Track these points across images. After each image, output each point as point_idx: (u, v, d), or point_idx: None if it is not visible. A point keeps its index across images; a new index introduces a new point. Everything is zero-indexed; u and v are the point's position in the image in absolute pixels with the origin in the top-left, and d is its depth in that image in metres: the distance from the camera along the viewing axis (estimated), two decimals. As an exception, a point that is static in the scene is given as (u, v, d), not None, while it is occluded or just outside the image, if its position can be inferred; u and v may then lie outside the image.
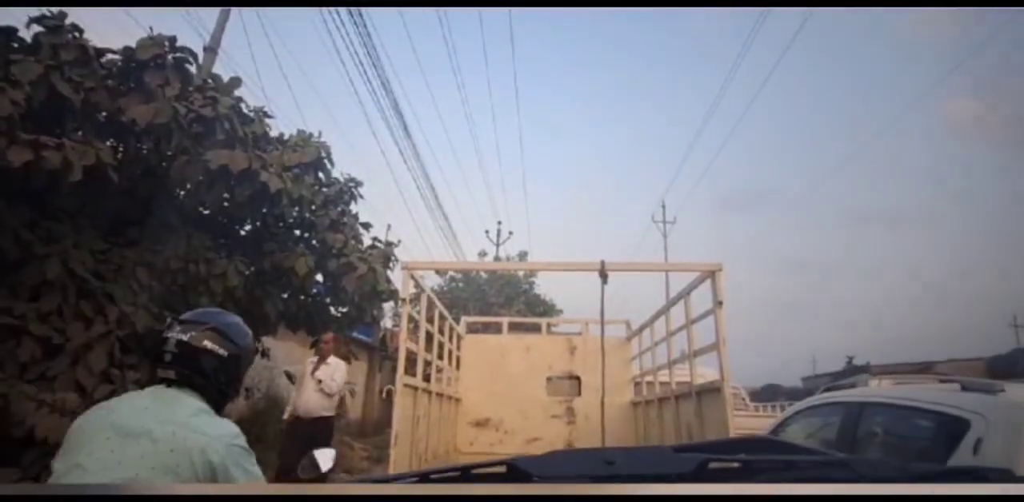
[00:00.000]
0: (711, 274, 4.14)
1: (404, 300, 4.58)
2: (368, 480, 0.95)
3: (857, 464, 0.96)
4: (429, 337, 5.47)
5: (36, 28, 3.76)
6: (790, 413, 4.18)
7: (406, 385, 4.43)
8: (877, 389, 3.50)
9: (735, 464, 1.00)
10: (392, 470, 3.87)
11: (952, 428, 2.63)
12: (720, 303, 4.05)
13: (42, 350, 3.84)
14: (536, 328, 9.18)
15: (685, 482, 0.88)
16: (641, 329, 6.68)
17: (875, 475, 0.93)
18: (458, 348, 7.13)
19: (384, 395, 11.59)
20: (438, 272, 20.02)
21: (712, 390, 4.17)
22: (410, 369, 4.65)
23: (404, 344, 4.54)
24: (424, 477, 0.96)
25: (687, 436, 4.60)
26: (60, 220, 4.20)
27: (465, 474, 0.94)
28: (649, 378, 6.36)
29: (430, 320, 5.51)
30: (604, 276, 4.38)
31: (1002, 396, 2.65)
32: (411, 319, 4.89)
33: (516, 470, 0.90)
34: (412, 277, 4.66)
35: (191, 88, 4.42)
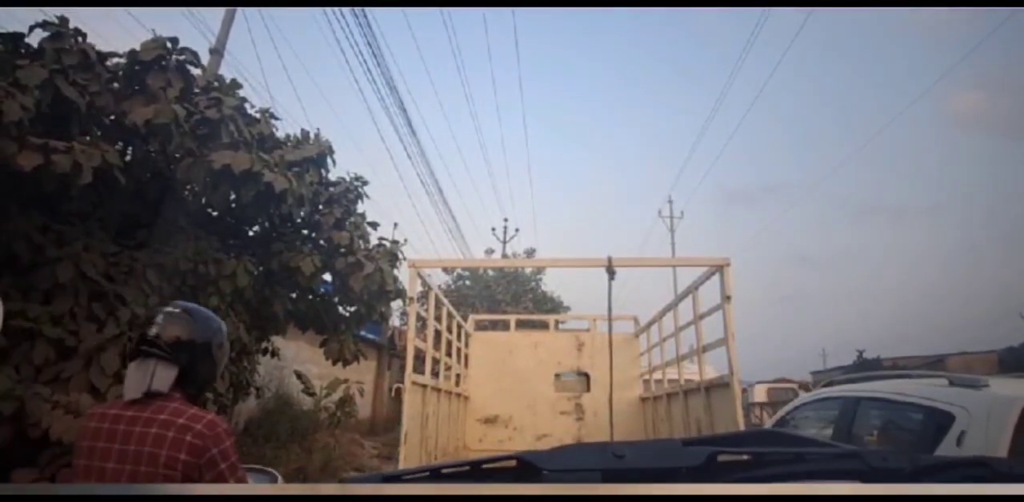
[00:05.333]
0: (719, 269, 4.10)
1: (411, 298, 4.58)
2: (379, 476, 0.95)
3: (867, 456, 0.95)
4: (437, 335, 5.48)
5: (41, 33, 3.79)
6: (791, 407, 4.33)
7: (415, 383, 4.44)
8: (872, 384, 3.63)
9: (744, 457, 1.00)
10: (402, 467, 3.88)
11: (938, 421, 2.80)
12: (728, 298, 4.04)
13: (56, 352, 3.89)
14: (544, 325, 9.18)
15: (694, 475, 0.89)
16: (649, 325, 6.66)
17: (884, 467, 0.93)
18: (466, 345, 7.15)
19: (393, 393, 11.61)
20: (445, 270, 20.09)
21: (721, 385, 4.16)
22: (418, 367, 4.66)
23: (412, 342, 4.52)
24: (435, 472, 0.96)
25: (696, 431, 4.62)
26: (71, 223, 4.24)
27: (476, 469, 0.95)
28: (658, 374, 6.35)
29: (437, 318, 5.52)
30: (611, 272, 4.36)
31: (986, 391, 2.80)
32: (419, 317, 4.89)
33: (526, 464, 0.91)
34: (419, 275, 4.66)
35: (196, 90, 4.45)
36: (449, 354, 6.11)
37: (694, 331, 4.86)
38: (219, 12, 7.39)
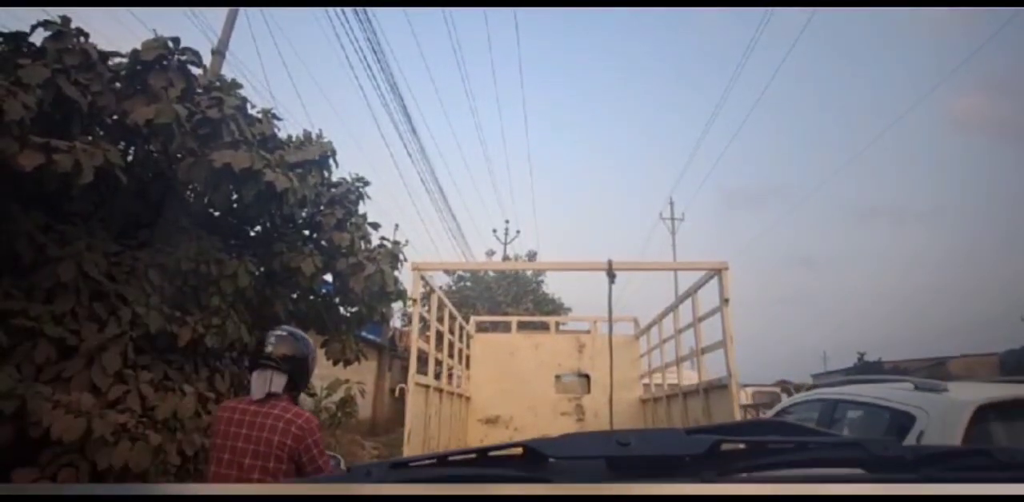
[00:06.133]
0: (717, 272, 4.16)
1: (414, 300, 4.65)
2: (387, 463, 0.96)
3: (869, 445, 0.95)
4: (439, 336, 5.52)
5: (43, 33, 3.80)
6: (780, 408, 4.72)
7: (418, 384, 4.50)
8: (848, 388, 4.00)
9: (747, 445, 1.01)
10: None
11: (903, 421, 3.13)
12: (727, 301, 4.09)
13: (57, 351, 3.89)
14: (545, 327, 9.21)
15: (698, 463, 0.89)
16: (649, 327, 6.72)
17: (886, 455, 0.93)
18: (468, 347, 7.20)
19: (397, 394, 11.73)
20: (446, 271, 20.12)
21: (720, 387, 4.23)
22: (421, 368, 4.70)
23: (415, 344, 4.57)
24: (442, 459, 0.97)
25: None
26: (74, 223, 4.25)
27: (482, 456, 0.96)
28: (657, 377, 6.41)
29: (440, 320, 5.54)
30: (611, 275, 4.41)
31: (944, 395, 3.13)
32: (421, 319, 4.90)
33: (532, 451, 0.92)
34: (422, 277, 4.72)
35: (198, 90, 4.46)
36: (451, 355, 6.15)
37: (693, 333, 4.89)
38: (221, 12, 7.42)
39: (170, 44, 4.08)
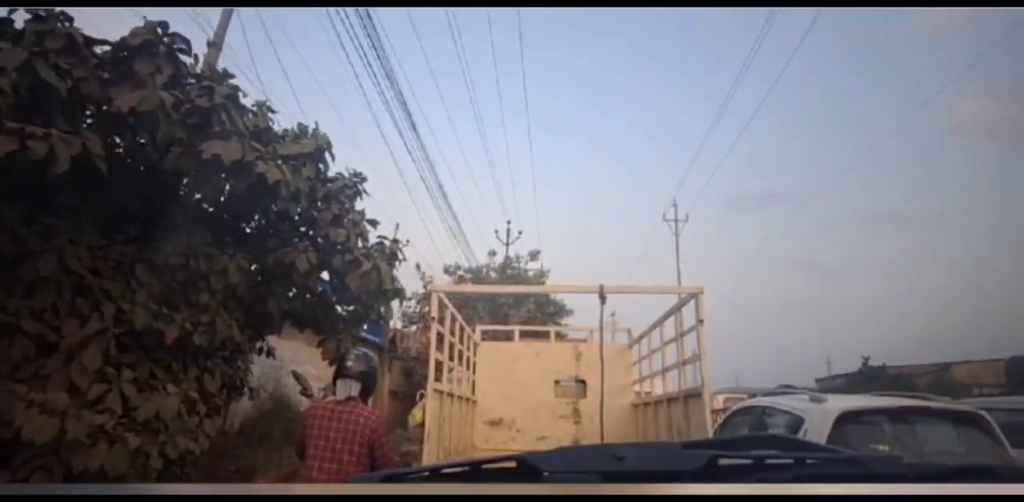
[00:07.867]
0: (694, 296, 4.66)
1: (433, 318, 5.23)
2: (380, 476, 0.92)
3: (867, 461, 0.92)
4: (450, 346, 5.95)
5: (25, 16, 3.67)
6: (730, 413, 5.99)
7: (435, 390, 4.99)
8: (772, 398, 5.21)
9: (744, 461, 0.94)
10: (424, 462, 4.50)
11: (797, 424, 4.26)
12: (701, 321, 4.57)
13: (36, 348, 3.76)
14: (545, 335, 9.59)
15: (694, 478, 0.82)
16: (640, 338, 7.20)
17: (884, 472, 0.90)
18: (474, 354, 7.60)
19: (418, 398, 12.18)
20: (447, 272, 20.16)
21: (695, 395, 4.65)
22: (436, 375, 5.16)
23: (434, 355, 5.16)
24: (436, 472, 0.94)
25: (676, 435, 5.13)
26: (60, 216, 4.12)
27: (475, 469, 0.93)
28: (647, 386, 6.98)
29: (452, 332, 5.98)
30: (603, 298, 4.81)
31: (822, 404, 4.26)
32: (439, 334, 5.38)
33: (526, 465, 0.88)
34: (440, 299, 5.23)
35: (190, 80, 4.33)
36: (460, 362, 6.54)
37: (676, 347, 5.45)
38: (219, 10, 7.32)
39: (158, 30, 3.95)
